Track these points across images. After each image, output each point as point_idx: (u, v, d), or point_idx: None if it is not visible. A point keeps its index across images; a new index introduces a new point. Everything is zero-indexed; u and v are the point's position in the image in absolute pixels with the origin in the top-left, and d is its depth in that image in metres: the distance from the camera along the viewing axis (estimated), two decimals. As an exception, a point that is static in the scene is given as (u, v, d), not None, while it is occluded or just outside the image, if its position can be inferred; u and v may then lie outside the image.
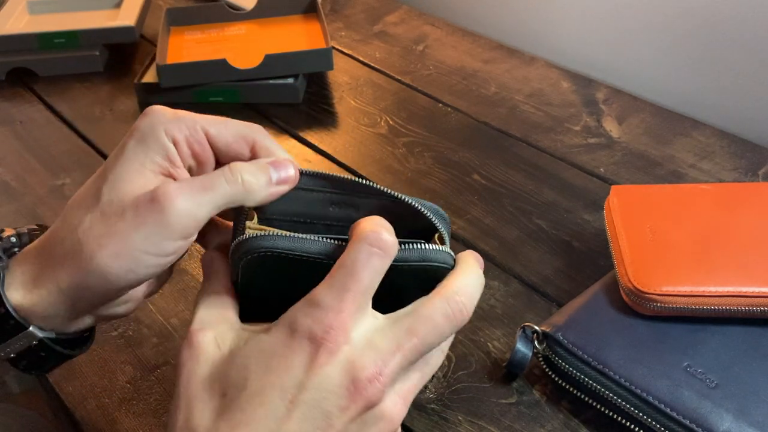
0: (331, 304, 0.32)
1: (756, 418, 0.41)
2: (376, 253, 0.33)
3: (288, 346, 0.32)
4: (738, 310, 0.45)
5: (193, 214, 0.34)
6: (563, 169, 0.69)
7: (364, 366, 0.32)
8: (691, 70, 0.80)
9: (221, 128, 0.37)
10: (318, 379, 0.31)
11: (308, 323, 0.32)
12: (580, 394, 0.46)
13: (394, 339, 0.33)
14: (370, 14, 1.00)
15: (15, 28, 0.89)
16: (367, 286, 0.32)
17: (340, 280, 0.32)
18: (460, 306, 0.34)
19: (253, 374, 0.31)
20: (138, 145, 0.36)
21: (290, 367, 0.31)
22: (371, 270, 0.32)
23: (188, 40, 0.87)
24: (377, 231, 0.33)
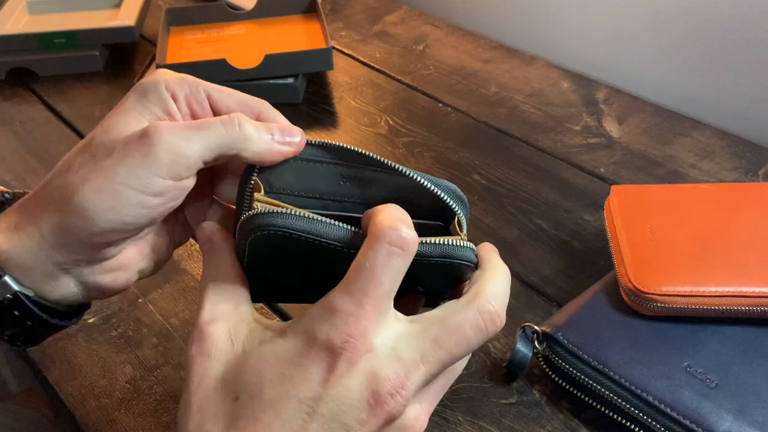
0: (350, 310, 0.30)
1: (756, 418, 0.41)
2: (395, 253, 0.30)
3: (305, 356, 0.30)
4: (738, 310, 0.45)
5: (183, 150, 0.32)
6: (563, 169, 0.68)
7: (386, 377, 0.30)
8: (691, 70, 0.80)
9: (225, 94, 0.36)
10: (336, 391, 0.29)
11: (326, 331, 0.30)
12: (580, 394, 0.46)
13: (419, 349, 0.31)
14: (370, 14, 1.00)
15: (15, 27, 0.89)
16: (388, 290, 0.30)
17: (359, 284, 0.30)
18: (493, 316, 0.32)
19: (269, 382, 0.30)
20: (137, 98, 0.35)
21: (307, 378, 0.30)
22: (391, 272, 0.30)
23: (188, 40, 0.87)
24: (396, 228, 0.30)
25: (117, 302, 0.55)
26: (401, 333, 0.31)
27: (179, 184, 0.33)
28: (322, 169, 0.36)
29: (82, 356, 0.51)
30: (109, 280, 0.36)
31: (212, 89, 0.36)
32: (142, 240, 0.37)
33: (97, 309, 0.55)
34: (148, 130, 0.32)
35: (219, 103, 0.36)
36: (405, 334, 0.31)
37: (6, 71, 0.86)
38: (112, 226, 0.33)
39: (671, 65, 0.82)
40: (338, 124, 0.77)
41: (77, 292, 0.36)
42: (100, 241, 0.34)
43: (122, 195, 0.32)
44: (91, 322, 0.53)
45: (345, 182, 0.36)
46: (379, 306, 0.30)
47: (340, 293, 0.30)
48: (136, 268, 0.37)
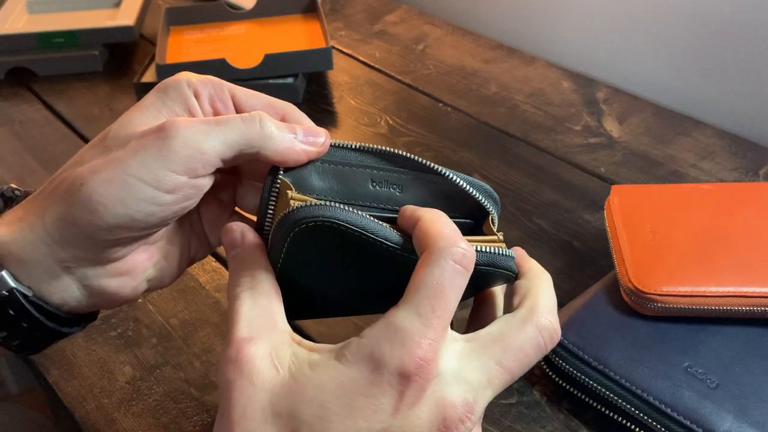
0: (421, 332, 0.28)
1: (757, 419, 0.41)
2: (460, 272, 0.29)
3: (375, 384, 0.27)
4: (738, 310, 0.45)
5: (200, 145, 0.31)
6: (564, 169, 0.68)
7: (454, 404, 0.28)
8: (691, 70, 0.80)
9: (250, 96, 0.35)
10: (408, 421, 0.28)
11: (397, 356, 0.27)
12: (581, 395, 0.45)
13: (485, 372, 0.29)
14: (370, 14, 1.00)
15: (14, 27, 0.89)
16: (453, 309, 0.29)
17: (427, 304, 0.28)
18: (552, 333, 0.31)
19: (336, 415, 0.27)
20: (158, 95, 0.33)
21: (378, 409, 0.27)
22: (457, 290, 0.29)
23: (188, 39, 0.87)
24: (459, 244, 0.29)
25: (116, 302, 0.55)
26: (462, 354, 0.30)
27: (194, 182, 0.31)
28: (350, 173, 0.34)
29: (81, 356, 0.51)
30: (114, 285, 0.34)
31: (237, 90, 0.35)
32: (153, 246, 0.35)
33: (96, 309, 0.54)
34: (165, 124, 0.31)
35: (243, 103, 0.35)
36: (467, 354, 0.30)
37: (5, 71, 0.86)
38: (119, 221, 0.31)
39: (671, 65, 0.81)
40: (338, 123, 0.77)
41: (79, 297, 0.34)
42: (106, 237, 0.32)
43: (132, 188, 0.30)
44: (90, 322, 0.53)
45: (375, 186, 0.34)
46: (447, 326, 0.29)
47: (406, 312, 0.28)
48: (144, 276, 0.35)
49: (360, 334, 0.29)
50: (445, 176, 0.33)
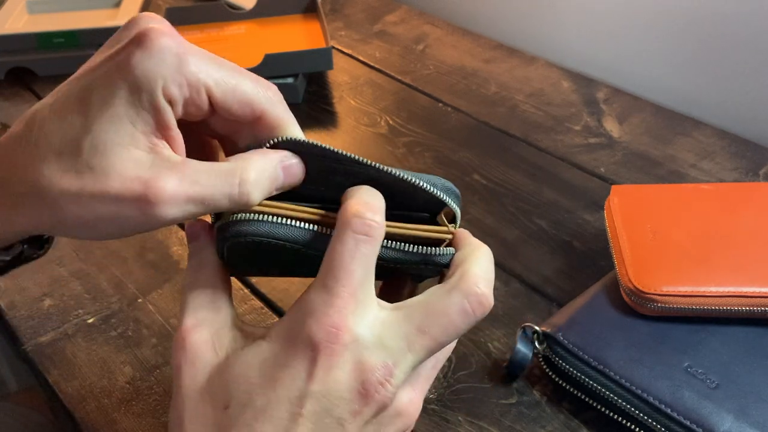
0: (327, 301, 0.29)
1: (757, 419, 0.41)
2: (362, 240, 0.30)
3: (289, 355, 0.29)
4: (738, 310, 0.45)
5: (176, 220, 0.31)
6: (564, 169, 0.68)
7: (373, 367, 0.29)
8: (691, 70, 0.80)
9: (228, 92, 0.32)
10: (325, 386, 0.29)
11: (307, 326, 0.29)
12: (581, 395, 0.45)
13: (405, 337, 0.30)
14: (370, 14, 1.00)
15: (14, 27, 0.89)
16: (362, 277, 0.30)
17: (332, 277, 0.30)
18: (480, 299, 0.31)
19: (258, 387, 0.29)
20: (130, 100, 0.30)
21: (294, 377, 0.29)
22: (362, 259, 0.30)
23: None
24: (361, 214, 0.30)
25: (116, 302, 0.55)
26: (386, 321, 0.31)
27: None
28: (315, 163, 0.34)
29: (81, 356, 0.51)
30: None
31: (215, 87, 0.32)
32: None
33: (96, 309, 0.54)
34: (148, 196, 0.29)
35: (221, 104, 0.32)
36: (390, 321, 0.31)
37: (5, 71, 0.86)
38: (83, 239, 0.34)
39: (671, 65, 0.81)
40: (338, 123, 0.77)
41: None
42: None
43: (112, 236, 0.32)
44: (90, 322, 0.53)
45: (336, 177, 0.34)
46: (356, 295, 0.30)
47: (314, 288, 0.30)
48: None
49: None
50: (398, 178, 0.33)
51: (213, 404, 0.30)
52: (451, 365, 0.49)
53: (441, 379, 0.48)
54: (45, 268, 0.58)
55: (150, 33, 0.31)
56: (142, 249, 0.60)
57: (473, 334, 0.52)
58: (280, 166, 0.33)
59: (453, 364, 0.49)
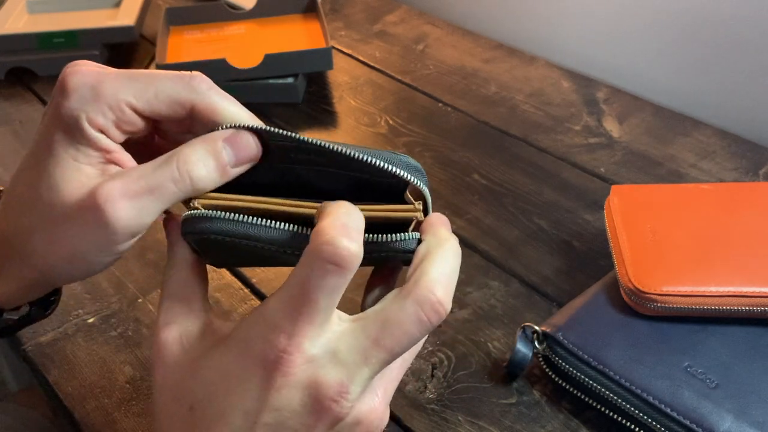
0: (284, 327, 0.29)
1: (756, 418, 0.41)
2: (331, 271, 0.28)
3: (244, 368, 0.30)
4: (738, 310, 0.45)
5: (139, 220, 0.32)
6: (563, 168, 0.68)
7: (327, 384, 0.29)
8: (691, 70, 0.80)
9: (150, 99, 0.33)
10: (278, 402, 0.29)
11: (260, 345, 0.29)
12: (581, 395, 0.45)
13: (360, 351, 0.30)
14: (370, 14, 1.00)
15: (14, 27, 0.89)
16: (324, 307, 0.29)
17: (292, 302, 0.29)
18: (435, 306, 0.30)
19: (217, 393, 0.30)
20: (65, 140, 0.32)
21: (248, 390, 0.30)
22: (327, 291, 0.29)
23: (188, 39, 0.87)
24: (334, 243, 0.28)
25: (116, 302, 0.55)
26: (342, 335, 0.30)
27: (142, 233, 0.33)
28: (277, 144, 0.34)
29: (81, 356, 0.51)
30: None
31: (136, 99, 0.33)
32: None
33: (96, 309, 0.54)
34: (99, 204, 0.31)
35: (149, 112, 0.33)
36: (346, 335, 0.30)
37: (5, 71, 0.86)
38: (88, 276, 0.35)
39: (671, 65, 0.81)
40: (338, 124, 0.77)
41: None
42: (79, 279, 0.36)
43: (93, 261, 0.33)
44: (90, 322, 0.53)
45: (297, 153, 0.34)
46: (315, 321, 0.29)
47: (275, 304, 0.30)
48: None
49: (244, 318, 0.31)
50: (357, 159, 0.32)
51: (181, 403, 0.31)
52: (450, 365, 0.49)
53: (441, 379, 0.48)
54: (45, 268, 0.58)
55: (65, 77, 0.33)
56: (142, 249, 0.60)
57: (473, 334, 0.52)
58: (223, 139, 0.33)
59: (453, 363, 0.49)
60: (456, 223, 0.62)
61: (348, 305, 0.55)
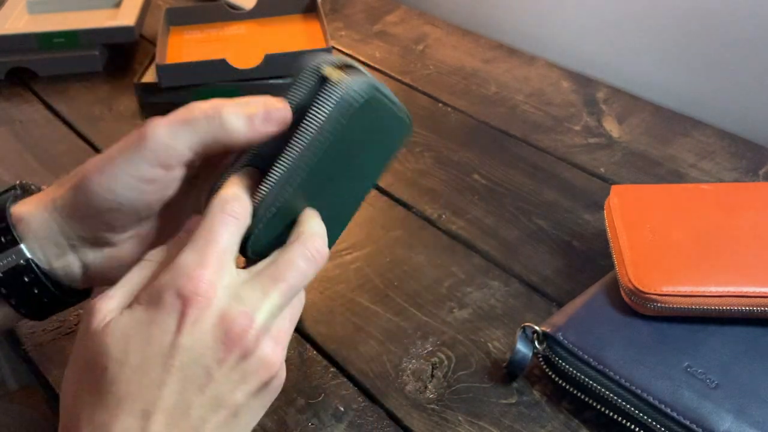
0: (196, 261, 0.33)
1: (756, 419, 0.41)
2: (231, 216, 0.35)
3: (160, 311, 0.32)
4: (738, 310, 0.45)
5: (171, 144, 0.36)
6: (563, 169, 0.68)
7: (234, 317, 0.33)
8: (691, 70, 0.80)
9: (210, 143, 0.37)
10: (192, 338, 0.32)
11: (176, 283, 0.33)
12: (581, 395, 0.45)
13: (260, 287, 0.34)
14: (370, 14, 1.00)
15: (14, 27, 0.89)
16: (226, 246, 0.34)
17: (200, 242, 0.34)
18: (318, 246, 0.36)
19: (133, 347, 0.32)
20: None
21: (165, 331, 0.32)
22: (229, 230, 0.34)
23: (188, 39, 0.87)
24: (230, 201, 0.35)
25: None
26: (242, 280, 0.34)
27: (170, 174, 0.37)
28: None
29: (81, 356, 0.51)
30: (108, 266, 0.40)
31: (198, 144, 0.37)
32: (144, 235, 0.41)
33: (96, 309, 0.54)
34: (143, 127, 0.36)
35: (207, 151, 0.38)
36: (245, 280, 0.35)
37: (6, 71, 0.86)
38: (109, 205, 0.37)
39: (671, 65, 0.81)
40: (338, 124, 0.77)
41: (80, 273, 0.40)
42: (102, 219, 0.38)
43: (118, 178, 0.37)
44: (90, 322, 0.53)
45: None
46: (220, 259, 0.34)
47: (185, 251, 0.34)
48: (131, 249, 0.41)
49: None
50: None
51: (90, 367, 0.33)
52: (450, 365, 0.49)
53: (441, 379, 0.48)
54: (45, 268, 0.58)
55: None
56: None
57: (473, 333, 0.52)
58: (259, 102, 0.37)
59: (453, 363, 0.49)
60: (456, 223, 0.62)
61: (348, 305, 0.55)
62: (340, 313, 0.53)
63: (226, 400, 0.33)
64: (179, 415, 0.32)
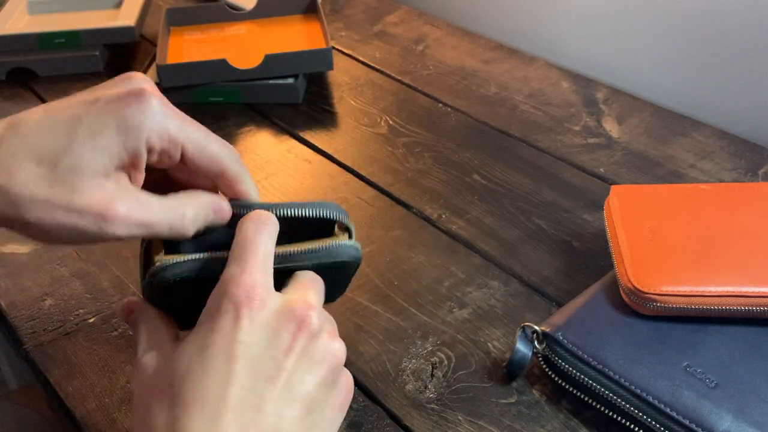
0: (239, 270, 0.34)
1: (756, 418, 0.41)
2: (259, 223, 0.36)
3: (215, 319, 0.34)
4: (738, 310, 0.45)
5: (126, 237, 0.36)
6: (563, 169, 0.69)
7: (293, 305, 0.35)
8: (690, 71, 0.80)
9: (200, 151, 0.38)
10: (252, 334, 0.33)
11: (225, 294, 0.34)
12: (580, 394, 0.46)
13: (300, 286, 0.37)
14: (370, 14, 1.00)
15: (15, 28, 0.89)
16: (266, 251, 0.36)
17: (239, 253, 0.35)
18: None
19: (194, 356, 0.33)
20: (116, 137, 0.35)
21: (222, 334, 0.33)
22: (263, 237, 0.36)
23: (188, 40, 0.87)
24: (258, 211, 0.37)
25: (117, 302, 0.55)
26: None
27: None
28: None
29: (82, 356, 0.51)
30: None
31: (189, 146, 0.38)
32: None
33: (97, 309, 0.55)
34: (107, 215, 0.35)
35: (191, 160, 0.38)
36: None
37: (6, 71, 0.86)
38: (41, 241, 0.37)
39: (671, 65, 0.82)
40: (338, 124, 0.77)
41: None
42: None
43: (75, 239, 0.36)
44: (91, 322, 0.54)
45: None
46: (264, 262, 0.35)
47: (227, 267, 0.35)
48: None
49: None
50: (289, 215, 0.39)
51: (161, 390, 0.33)
52: (450, 365, 0.49)
53: (441, 378, 0.48)
54: (46, 268, 0.58)
55: (145, 92, 0.36)
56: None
57: (473, 333, 0.52)
58: (212, 206, 0.38)
59: (453, 363, 0.49)
60: (456, 223, 0.62)
61: (349, 305, 0.55)
62: (340, 313, 0.53)
63: (298, 390, 0.34)
64: (252, 413, 0.32)
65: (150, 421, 0.32)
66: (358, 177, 0.68)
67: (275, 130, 0.76)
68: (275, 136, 0.75)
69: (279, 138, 0.75)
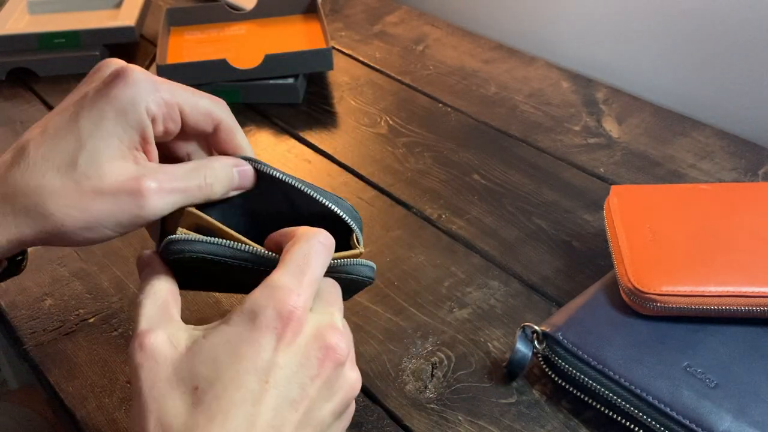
0: (293, 285, 0.34)
1: (755, 418, 0.41)
2: (325, 248, 0.37)
3: (255, 330, 0.33)
4: (738, 310, 0.45)
5: (163, 211, 0.37)
6: (563, 169, 0.69)
7: (324, 332, 0.34)
8: (691, 70, 0.80)
9: (194, 107, 0.39)
10: (288, 357, 0.33)
11: (273, 305, 0.33)
12: (580, 394, 0.46)
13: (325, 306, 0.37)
14: (370, 14, 1.00)
15: (15, 28, 0.89)
16: (318, 275, 0.36)
17: (297, 268, 0.35)
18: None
19: (224, 364, 0.32)
20: (118, 119, 0.36)
21: (260, 350, 0.33)
22: (322, 262, 0.36)
23: (188, 40, 0.87)
24: (322, 232, 0.37)
25: (117, 302, 0.55)
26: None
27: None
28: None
29: (82, 356, 0.51)
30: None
31: (184, 102, 0.39)
32: None
33: (97, 309, 0.55)
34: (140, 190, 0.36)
35: (189, 117, 0.39)
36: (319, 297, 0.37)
37: (6, 71, 0.86)
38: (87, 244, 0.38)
39: (671, 65, 0.82)
40: (338, 124, 0.77)
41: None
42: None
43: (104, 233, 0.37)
44: (91, 322, 0.54)
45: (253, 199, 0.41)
46: (313, 286, 0.35)
47: (281, 275, 0.35)
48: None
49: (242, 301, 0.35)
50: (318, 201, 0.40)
51: (182, 389, 0.32)
52: (450, 365, 0.49)
53: (441, 378, 0.48)
54: (46, 268, 0.58)
55: (126, 69, 0.37)
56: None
57: (473, 333, 0.52)
58: (235, 168, 0.40)
59: (453, 363, 0.49)
60: (456, 223, 0.62)
61: (349, 304, 0.55)
62: (340, 313, 0.53)
63: (315, 417, 0.34)
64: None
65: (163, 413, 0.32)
66: (358, 177, 0.69)
67: (275, 130, 0.76)
68: (275, 136, 0.75)
69: (279, 138, 0.75)
